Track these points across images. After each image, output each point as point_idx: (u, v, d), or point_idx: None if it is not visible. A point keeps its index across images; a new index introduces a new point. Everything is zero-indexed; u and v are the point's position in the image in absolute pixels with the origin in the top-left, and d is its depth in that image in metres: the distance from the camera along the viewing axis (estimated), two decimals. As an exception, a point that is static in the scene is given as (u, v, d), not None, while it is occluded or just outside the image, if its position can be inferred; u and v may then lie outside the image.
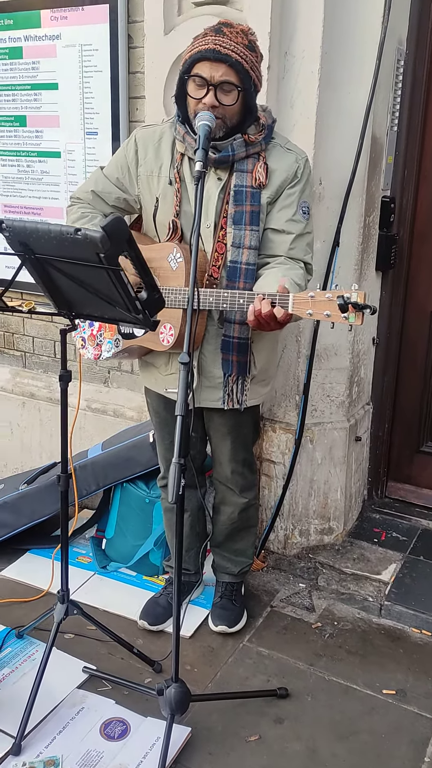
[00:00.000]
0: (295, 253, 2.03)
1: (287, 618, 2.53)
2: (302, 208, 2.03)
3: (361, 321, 1.71)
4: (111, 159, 2.22)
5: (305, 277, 2.02)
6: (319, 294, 1.74)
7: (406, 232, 2.88)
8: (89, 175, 2.26)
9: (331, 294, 1.71)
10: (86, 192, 2.18)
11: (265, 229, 2.04)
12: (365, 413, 3.02)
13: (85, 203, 2.19)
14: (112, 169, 2.16)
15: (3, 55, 3.02)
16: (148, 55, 2.59)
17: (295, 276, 1.93)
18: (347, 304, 1.68)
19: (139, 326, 1.79)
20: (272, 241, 2.04)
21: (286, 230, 2.02)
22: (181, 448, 1.63)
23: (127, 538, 2.78)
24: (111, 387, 3.22)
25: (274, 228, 2.03)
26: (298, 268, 2.00)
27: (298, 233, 2.02)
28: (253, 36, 1.91)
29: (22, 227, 1.67)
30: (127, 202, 2.18)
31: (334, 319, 1.73)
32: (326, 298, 1.72)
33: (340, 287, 1.74)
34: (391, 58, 2.56)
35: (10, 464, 3.49)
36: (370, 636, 2.45)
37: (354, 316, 1.70)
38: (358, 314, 1.70)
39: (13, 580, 2.73)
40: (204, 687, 2.20)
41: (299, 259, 2.04)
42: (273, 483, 2.81)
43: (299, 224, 2.03)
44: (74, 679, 2.19)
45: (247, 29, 1.91)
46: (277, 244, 2.03)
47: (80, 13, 2.78)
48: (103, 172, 2.18)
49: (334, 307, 1.71)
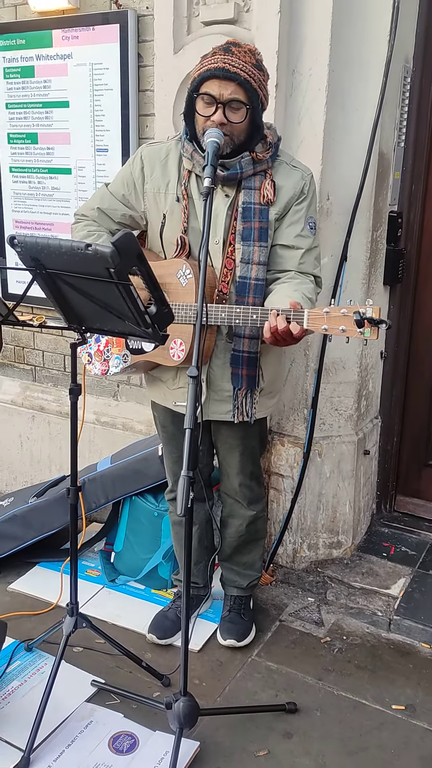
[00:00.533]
0: (305, 267, 2.06)
1: (296, 632, 2.53)
2: (309, 224, 2.06)
3: (376, 336, 1.73)
4: (116, 176, 2.24)
5: (316, 291, 2.05)
6: (334, 309, 1.75)
7: (413, 247, 2.90)
8: (94, 193, 2.28)
9: (347, 309, 1.73)
10: (92, 209, 2.21)
11: (274, 245, 2.06)
12: (373, 427, 3.02)
13: (90, 220, 2.21)
14: (118, 186, 2.18)
15: (15, 74, 3.08)
16: (158, 73, 2.63)
17: (306, 290, 1.96)
18: (363, 319, 1.70)
19: (149, 340, 1.81)
20: (282, 257, 2.07)
21: (295, 246, 2.05)
22: (190, 461, 1.64)
23: (136, 552, 2.78)
24: (120, 401, 3.23)
25: (283, 244, 2.06)
26: (308, 282, 2.03)
27: (307, 248, 2.06)
28: (260, 55, 1.94)
29: (33, 243, 1.70)
30: (133, 219, 2.20)
31: (349, 334, 1.74)
32: (341, 313, 1.74)
33: (355, 302, 1.75)
34: (397, 75, 2.59)
35: (20, 477, 3.51)
36: (379, 651, 2.44)
37: (369, 330, 1.71)
38: (373, 329, 1.71)
39: (23, 593, 2.74)
40: (212, 701, 2.19)
41: (309, 273, 2.07)
42: (281, 496, 2.82)
43: (307, 239, 2.06)
44: (83, 692, 2.19)
45: (255, 49, 1.94)
46: (286, 260, 2.06)
47: (91, 33, 2.82)
48: (109, 189, 2.20)
49: (349, 322, 1.73)
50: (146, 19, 2.72)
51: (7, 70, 3.09)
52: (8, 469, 3.55)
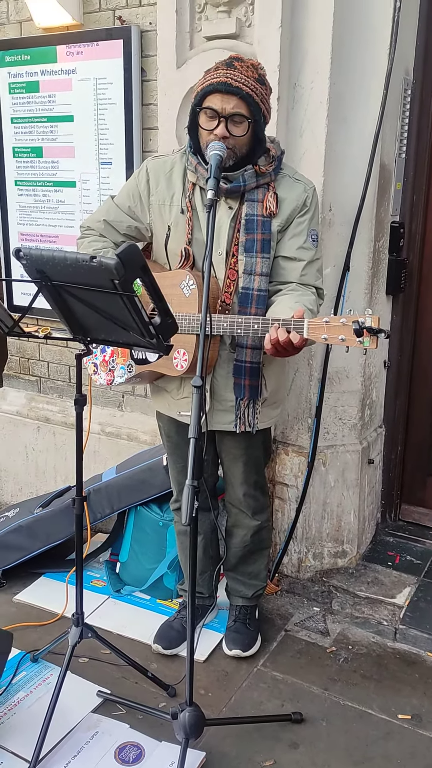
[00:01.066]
0: (307, 279, 2.08)
1: (301, 642, 2.52)
2: (311, 236, 2.08)
3: (375, 345, 1.74)
4: (121, 189, 2.27)
5: (317, 302, 2.07)
6: (333, 319, 1.77)
7: (415, 257, 2.92)
8: (100, 205, 2.30)
9: (346, 319, 1.74)
10: (98, 221, 2.23)
11: (276, 257, 2.08)
12: (378, 436, 3.03)
13: (96, 234, 2.23)
14: (124, 198, 2.21)
15: (20, 89, 3.12)
16: (161, 87, 2.66)
17: (307, 302, 1.97)
18: (362, 328, 1.71)
19: (153, 351, 1.82)
20: (284, 269, 2.08)
21: (297, 257, 2.07)
22: (194, 470, 1.65)
23: (141, 562, 2.79)
24: (125, 411, 3.25)
25: (285, 256, 2.08)
26: (310, 294, 2.05)
27: (309, 260, 2.07)
28: (263, 70, 1.97)
29: (39, 255, 1.72)
30: (139, 231, 2.23)
31: (348, 344, 1.75)
32: (341, 323, 1.75)
33: (354, 312, 1.77)
34: (398, 87, 2.62)
35: (25, 488, 3.52)
36: (385, 660, 2.44)
37: (369, 340, 1.72)
38: (372, 338, 1.72)
39: (28, 603, 2.74)
40: (218, 711, 2.19)
41: (311, 285, 2.09)
42: (286, 506, 2.82)
43: (309, 251, 2.08)
44: (89, 703, 2.20)
45: (257, 63, 1.97)
46: (288, 271, 2.08)
47: (95, 48, 2.86)
48: (115, 201, 2.23)
49: (348, 331, 1.74)
50: (149, 34, 2.76)
51: (12, 85, 3.13)
52: (13, 480, 3.56)
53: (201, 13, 2.54)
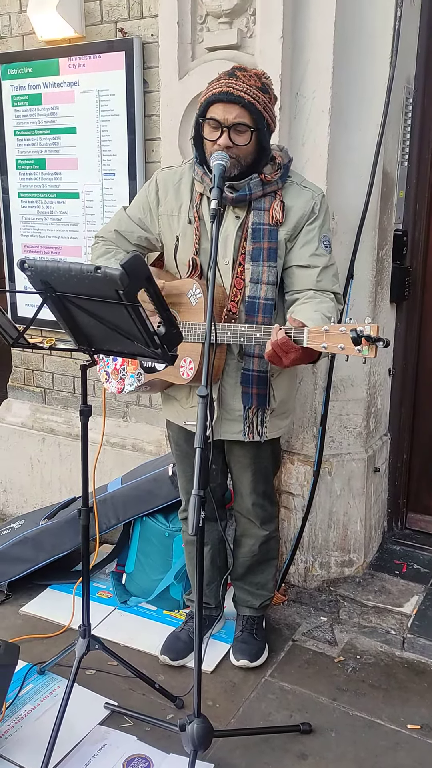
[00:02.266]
0: (323, 285, 2.06)
1: (309, 652, 2.51)
2: (323, 242, 2.08)
3: (374, 354, 1.73)
4: (134, 200, 2.29)
5: (336, 308, 2.04)
6: (333, 327, 1.76)
7: (419, 265, 2.92)
8: (113, 215, 2.32)
9: (345, 327, 1.74)
10: (110, 231, 2.25)
11: (290, 266, 2.08)
12: (383, 444, 3.02)
13: (108, 241, 2.25)
14: (135, 209, 2.23)
15: (23, 101, 3.14)
16: (163, 98, 2.68)
17: (325, 310, 1.94)
18: (360, 337, 1.70)
19: (158, 360, 1.82)
20: (299, 277, 2.07)
21: (311, 264, 2.06)
22: (201, 479, 1.64)
23: (147, 573, 2.78)
24: (130, 421, 3.25)
25: (299, 264, 2.07)
26: (328, 300, 2.02)
27: (323, 266, 2.06)
28: (267, 79, 1.97)
29: (43, 266, 1.72)
30: (149, 241, 2.24)
31: (347, 352, 1.75)
32: (340, 331, 1.75)
33: (354, 321, 1.76)
34: (399, 96, 2.63)
35: (30, 500, 3.52)
36: (393, 670, 2.42)
37: (367, 348, 1.72)
38: (371, 347, 1.72)
39: (34, 615, 2.73)
40: (227, 722, 2.18)
41: (328, 290, 2.07)
42: (292, 515, 2.81)
43: (323, 257, 2.07)
44: (96, 715, 2.18)
45: (261, 72, 1.97)
46: (304, 279, 2.07)
47: (97, 61, 2.88)
48: (126, 212, 2.25)
49: (347, 340, 1.73)
50: (151, 46, 2.78)
51: (15, 98, 3.15)
52: (19, 492, 3.56)
53: (202, 25, 2.56)
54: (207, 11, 2.52)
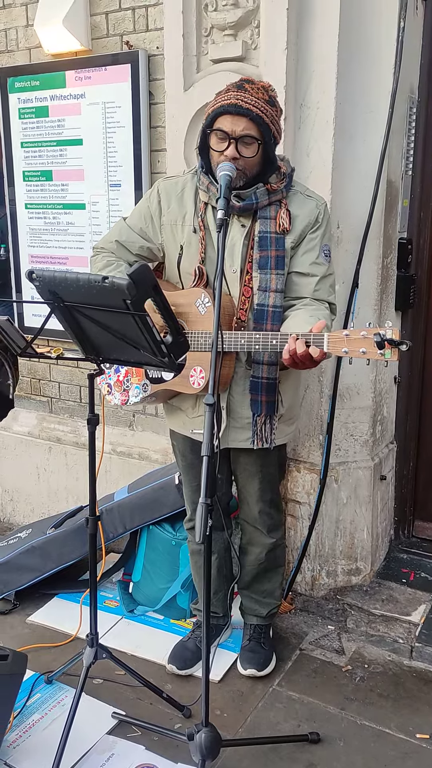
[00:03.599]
0: (320, 294, 2.09)
1: (317, 661, 2.50)
2: (324, 252, 2.10)
3: (396, 357, 1.74)
4: (133, 210, 2.30)
5: (330, 317, 2.07)
6: (353, 332, 1.77)
7: (423, 273, 2.93)
8: (112, 226, 2.34)
9: (367, 332, 1.75)
10: (110, 242, 2.26)
11: (289, 272, 2.10)
12: (389, 452, 3.02)
13: (108, 252, 2.26)
14: (136, 219, 2.24)
15: (30, 114, 3.17)
16: (169, 110, 2.70)
17: (322, 316, 1.98)
18: (384, 340, 1.71)
19: (165, 369, 1.83)
20: (297, 284, 2.10)
21: (310, 273, 2.08)
22: (208, 488, 1.65)
23: (154, 581, 2.78)
24: (136, 430, 3.26)
25: (298, 271, 2.09)
26: (323, 309, 2.06)
27: (322, 275, 2.09)
28: (273, 92, 1.99)
29: (51, 277, 1.74)
30: (151, 251, 2.25)
31: (369, 356, 1.76)
32: (361, 336, 1.76)
33: (374, 325, 1.77)
34: (403, 106, 2.64)
35: (37, 509, 3.52)
36: (401, 679, 2.41)
37: (390, 352, 1.73)
38: (394, 350, 1.73)
39: (42, 625, 2.73)
40: (234, 732, 2.17)
41: (324, 300, 2.10)
42: (299, 523, 2.81)
43: (322, 267, 2.09)
44: (104, 724, 2.18)
45: (268, 85, 1.99)
46: (302, 287, 2.09)
47: (103, 73, 2.91)
48: (127, 222, 2.26)
49: (370, 344, 1.74)
50: (156, 58, 2.81)
51: (22, 110, 3.18)
52: (25, 501, 3.57)
53: (207, 37, 2.58)
54: (212, 24, 2.55)
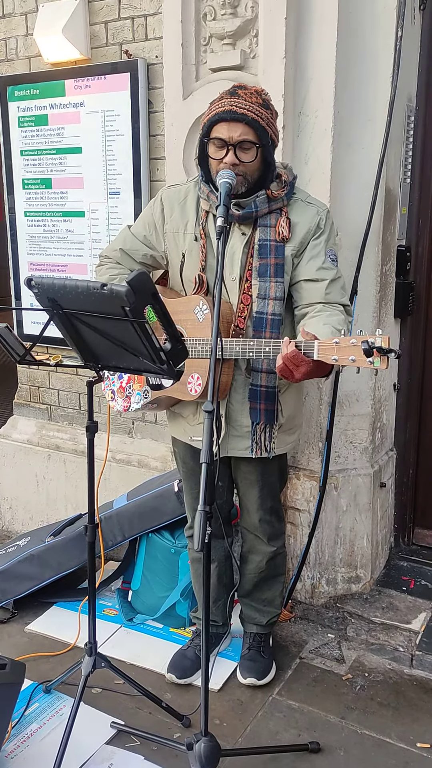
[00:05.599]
0: (332, 297, 2.07)
1: (317, 670, 2.49)
2: (330, 256, 2.09)
3: (386, 365, 1.73)
4: (138, 218, 2.32)
5: (346, 321, 2.04)
6: (343, 340, 1.76)
7: (422, 280, 2.93)
8: (117, 234, 2.35)
9: (356, 339, 1.74)
10: (114, 250, 2.27)
11: (298, 281, 2.09)
12: (389, 459, 3.01)
13: (113, 262, 2.27)
14: (140, 227, 2.25)
15: (30, 122, 3.18)
16: (168, 118, 2.71)
17: (335, 323, 1.95)
18: (372, 348, 1.70)
19: (164, 376, 1.83)
20: (307, 290, 2.08)
21: (319, 278, 2.07)
22: (206, 495, 1.64)
23: (153, 590, 2.77)
24: (135, 437, 3.25)
25: (307, 278, 2.08)
26: (338, 313, 2.03)
27: (331, 279, 2.07)
28: (267, 95, 1.99)
29: (50, 284, 1.74)
30: (154, 259, 2.26)
31: (359, 364, 1.75)
32: (351, 343, 1.75)
33: (364, 332, 1.77)
34: (401, 114, 2.65)
35: (36, 517, 3.51)
36: (402, 687, 2.40)
37: (379, 360, 1.72)
38: (383, 358, 1.72)
39: (40, 633, 2.72)
40: (234, 741, 2.16)
41: (337, 302, 2.07)
42: (298, 531, 2.80)
43: (330, 271, 2.08)
44: (102, 734, 2.17)
45: (261, 90, 2.00)
46: (312, 293, 2.08)
47: (103, 82, 2.92)
48: (131, 230, 2.27)
49: (358, 352, 1.73)
50: (156, 67, 2.82)
51: (21, 119, 3.19)
52: (24, 509, 3.56)
53: (206, 46, 2.60)
54: (211, 33, 2.56)
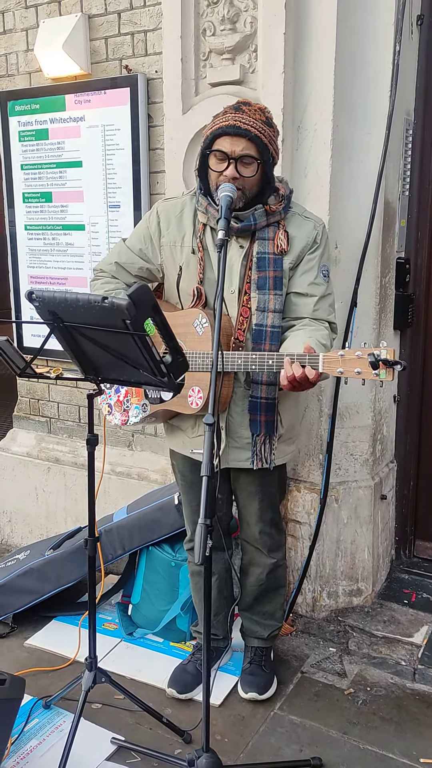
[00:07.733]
0: (319, 314, 2.10)
1: (318, 684, 2.47)
2: (322, 272, 2.11)
3: (392, 377, 1.74)
4: (133, 231, 2.32)
5: (330, 337, 2.08)
6: (348, 352, 1.77)
7: (421, 292, 2.94)
8: (112, 248, 2.35)
9: (361, 352, 1.75)
10: (110, 264, 2.27)
11: (288, 293, 2.11)
12: (389, 471, 3.01)
13: (108, 276, 2.27)
14: (135, 241, 2.25)
15: (30, 136, 3.20)
16: (168, 132, 2.73)
17: (320, 336, 1.99)
18: (378, 360, 1.71)
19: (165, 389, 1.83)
20: (296, 304, 2.11)
21: (309, 293, 2.09)
22: (207, 508, 1.64)
23: (154, 603, 2.75)
24: (135, 450, 3.24)
25: (297, 292, 2.10)
26: (323, 329, 2.06)
27: (321, 295, 2.10)
28: (269, 113, 2.02)
29: (51, 297, 1.74)
30: (150, 272, 2.26)
31: (364, 376, 1.75)
32: (356, 356, 1.76)
33: (369, 345, 1.77)
34: (399, 128, 2.67)
35: (35, 530, 3.50)
36: (404, 702, 2.38)
37: (385, 372, 1.73)
38: (388, 370, 1.72)
39: (40, 648, 2.70)
40: (235, 757, 2.13)
41: (323, 319, 2.10)
42: (299, 544, 2.79)
43: (321, 287, 2.10)
44: (103, 750, 2.14)
45: (264, 107, 2.03)
46: (301, 307, 2.10)
47: (103, 97, 2.94)
48: (126, 244, 2.28)
49: (364, 364, 1.74)
50: (155, 82, 2.84)
51: (22, 133, 3.21)
52: (23, 522, 3.55)
53: (206, 61, 2.62)
54: (210, 48, 2.58)
